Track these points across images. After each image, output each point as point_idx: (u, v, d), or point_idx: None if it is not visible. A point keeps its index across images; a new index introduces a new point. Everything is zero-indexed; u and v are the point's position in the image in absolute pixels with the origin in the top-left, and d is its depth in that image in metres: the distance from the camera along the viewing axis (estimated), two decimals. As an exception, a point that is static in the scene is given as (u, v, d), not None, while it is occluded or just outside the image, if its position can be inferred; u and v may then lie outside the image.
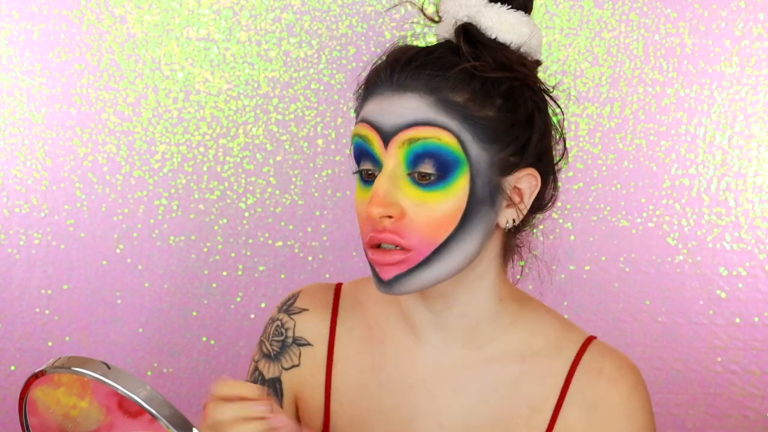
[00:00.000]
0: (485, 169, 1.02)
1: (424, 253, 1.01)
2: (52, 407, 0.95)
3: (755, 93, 1.98)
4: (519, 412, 1.10)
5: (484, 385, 1.11)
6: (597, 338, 1.14)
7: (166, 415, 0.87)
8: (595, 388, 1.09)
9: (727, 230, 2.02)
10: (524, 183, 1.06)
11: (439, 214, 1.00)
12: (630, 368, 1.11)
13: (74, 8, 1.97)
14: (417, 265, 1.01)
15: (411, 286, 1.03)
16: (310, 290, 1.21)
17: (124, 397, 0.87)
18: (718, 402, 2.07)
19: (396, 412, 1.13)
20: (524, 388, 1.11)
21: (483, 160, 1.01)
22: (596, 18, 1.98)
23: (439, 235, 1.01)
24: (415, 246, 1.00)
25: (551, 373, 1.11)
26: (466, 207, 1.01)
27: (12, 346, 2.08)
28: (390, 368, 1.13)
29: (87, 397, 0.92)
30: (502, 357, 1.11)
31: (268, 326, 1.22)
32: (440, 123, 1.00)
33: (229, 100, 2.01)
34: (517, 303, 1.13)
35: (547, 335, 1.12)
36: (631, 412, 1.09)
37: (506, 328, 1.11)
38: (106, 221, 2.03)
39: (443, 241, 1.01)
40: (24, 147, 2.01)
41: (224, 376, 1.08)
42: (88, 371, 0.87)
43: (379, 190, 1.00)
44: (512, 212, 1.06)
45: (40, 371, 0.90)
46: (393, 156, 1.00)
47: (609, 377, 1.10)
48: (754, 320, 2.04)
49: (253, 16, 1.99)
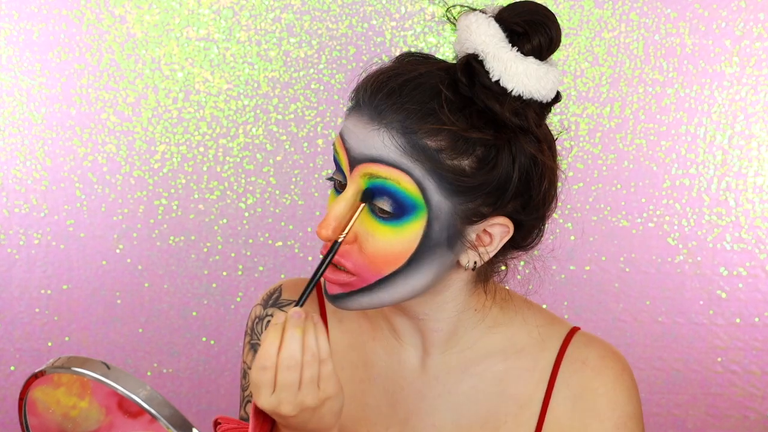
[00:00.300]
0: (446, 216, 0.98)
1: (368, 280, 1.00)
2: (52, 407, 0.94)
3: (755, 93, 1.98)
4: (507, 409, 1.10)
5: (470, 386, 1.10)
6: (581, 329, 1.13)
7: (166, 415, 0.87)
8: (580, 379, 1.09)
9: (727, 230, 2.02)
10: (495, 229, 1.01)
11: (387, 250, 0.98)
12: (614, 357, 1.10)
13: (74, 8, 1.97)
14: (359, 289, 1.01)
15: (354, 306, 1.02)
16: (292, 283, 1.21)
17: (124, 397, 0.87)
18: (718, 402, 2.07)
19: (392, 411, 1.13)
20: (510, 385, 1.10)
21: (444, 208, 0.98)
22: (596, 18, 1.98)
23: (384, 268, 0.99)
24: (360, 273, 0.99)
25: (537, 368, 1.10)
26: (417, 248, 0.98)
27: (12, 346, 2.08)
28: (381, 366, 1.13)
29: (87, 397, 0.92)
30: (484, 358, 1.10)
31: (256, 325, 1.21)
32: (404, 167, 0.96)
33: (229, 100, 2.01)
34: (498, 307, 1.11)
35: (530, 331, 1.11)
36: (616, 401, 1.08)
37: (485, 332, 1.10)
38: (105, 221, 2.03)
39: (388, 275, 0.99)
40: (24, 147, 2.01)
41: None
42: (87, 371, 0.87)
43: (331, 213, 0.98)
44: (476, 254, 1.02)
45: (40, 371, 0.90)
46: (355, 182, 0.98)
47: (593, 367, 1.09)
48: (755, 320, 2.04)
49: (253, 16, 1.99)
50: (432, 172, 0.96)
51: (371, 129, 0.98)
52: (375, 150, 0.97)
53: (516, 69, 0.97)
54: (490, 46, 0.98)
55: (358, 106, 1.00)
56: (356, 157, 0.98)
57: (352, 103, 1.02)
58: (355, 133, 0.99)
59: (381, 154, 0.97)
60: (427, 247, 0.99)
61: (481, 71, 0.98)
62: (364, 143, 0.98)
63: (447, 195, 0.97)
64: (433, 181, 0.97)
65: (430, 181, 0.97)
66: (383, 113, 0.97)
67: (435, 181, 0.97)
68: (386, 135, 0.97)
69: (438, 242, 0.99)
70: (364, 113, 0.99)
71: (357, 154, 0.98)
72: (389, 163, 0.97)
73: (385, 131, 0.97)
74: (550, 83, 0.99)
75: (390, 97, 0.98)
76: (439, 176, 0.96)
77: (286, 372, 0.93)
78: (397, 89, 0.98)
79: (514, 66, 0.97)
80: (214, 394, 2.10)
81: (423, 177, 0.96)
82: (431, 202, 0.97)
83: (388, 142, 0.97)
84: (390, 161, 0.97)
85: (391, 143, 0.97)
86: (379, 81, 0.99)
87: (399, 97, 0.97)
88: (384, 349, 1.13)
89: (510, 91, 0.98)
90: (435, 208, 0.97)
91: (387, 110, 0.97)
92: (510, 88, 0.98)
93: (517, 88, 0.98)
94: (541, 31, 0.98)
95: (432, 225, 0.98)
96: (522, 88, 0.98)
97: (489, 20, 0.98)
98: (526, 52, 0.98)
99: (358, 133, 0.99)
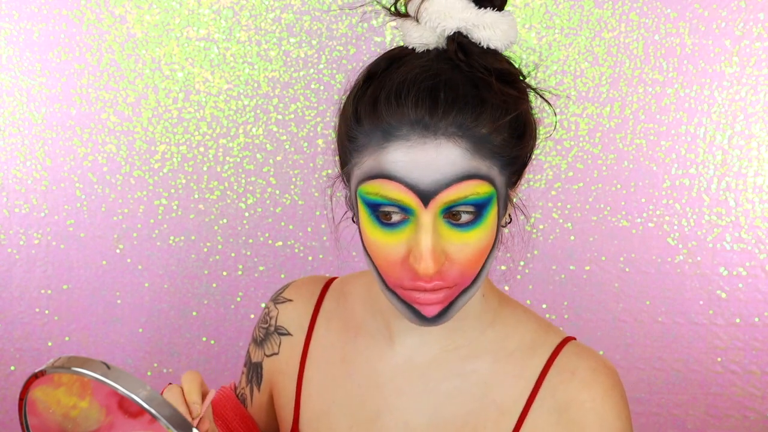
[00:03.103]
0: (503, 190, 0.99)
1: (465, 284, 0.99)
2: (52, 407, 0.94)
3: (755, 93, 1.98)
4: (487, 415, 1.07)
5: (453, 387, 1.09)
6: (575, 339, 1.10)
7: (166, 415, 0.87)
8: (567, 390, 1.04)
9: (727, 230, 2.02)
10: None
11: (478, 249, 0.97)
12: (606, 371, 1.06)
13: (74, 8, 1.97)
14: (460, 293, 0.99)
15: (451, 315, 1.01)
16: (300, 282, 1.23)
17: (124, 397, 0.87)
18: (718, 402, 2.07)
19: (362, 407, 1.12)
20: (494, 390, 1.07)
21: (502, 184, 0.98)
22: (596, 18, 1.98)
23: (478, 265, 0.98)
24: (458, 281, 0.98)
25: (523, 375, 1.07)
26: (496, 231, 0.99)
27: (12, 346, 2.08)
28: (360, 362, 1.13)
29: (87, 397, 0.92)
30: (474, 357, 1.08)
31: (262, 313, 1.24)
32: (478, 173, 0.94)
33: (229, 100, 2.01)
34: (497, 299, 1.11)
35: (523, 336, 1.09)
36: (604, 417, 1.03)
37: (486, 327, 1.09)
38: (106, 221, 2.03)
39: (482, 265, 0.99)
40: (24, 147, 2.01)
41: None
42: (88, 371, 0.87)
43: (428, 249, 0.94)
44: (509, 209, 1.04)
45: (40, 371, 0.90)
46: (432, 212, 0.94)
47: (582, 379, 1.04)
48: (754, 320, 2.04)
49: (253, 16, 1.99)
50: (491, 158, 0.95)
51: (432, 146, 0.92)
52: (448, 168, 0.93)
53: (502, 26, 0.97)
54: (472, 18, 0.97)
55: (395, 133, 0.94)
56: (428, 188, 0.93)
57: (381, 133, 0.94)
58: (414, 162, 0.93)
59: (456, 170, 0.93)
60: (499, 224, 1.00)
61: (473, 47, 0.97)
62: (431, 167, 0.92)
63: (503, 170, 0.97)
64: (495, 167, 0.96)
65: (493, 168, 0.96)
66: (434, 125, 0.93)
67: (496, 165, 0.96)
68: (450, 144, 0.93)
69: (501, 215, 1.00)
70: (411, 136, 0.93)
71: (428, 185, 0.93)
72: (463, 177, 0.93)
73: (447, 141, 0.93)
74: (516, 25, 1.01)
75: (434, 107, 0.93)
76: (497, 158, 0.95)
77: None
78: (434, 97, 0.93)
79: (500, 24, 0.97)
80: (214, 394, 2.10)
81: (489, 168, 0.95)
82: (497, 186, 0.97)
83: (456, 151, 0.93)
84: (464, 174, 0.93)
85: (458, 150, 0.93)
86: (409, 97, 0.94)
87: (440, 102, 0.93)
88: (367, 345, 1.13)
89: (502, 48, 0.98)
90: (499, 190, 0.98)
91: (437, 120, 0.93)
92: (500, 46, 0.98)
93: (505, 43, 0.98)
94: None
95: (499, 204, 0.98)
96: (508, 41, 0.98)
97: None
98: (499, 8, 0.99)
99: (417, 160, 0.93)
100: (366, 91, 0.98)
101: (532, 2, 1.97)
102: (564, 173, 2.02)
